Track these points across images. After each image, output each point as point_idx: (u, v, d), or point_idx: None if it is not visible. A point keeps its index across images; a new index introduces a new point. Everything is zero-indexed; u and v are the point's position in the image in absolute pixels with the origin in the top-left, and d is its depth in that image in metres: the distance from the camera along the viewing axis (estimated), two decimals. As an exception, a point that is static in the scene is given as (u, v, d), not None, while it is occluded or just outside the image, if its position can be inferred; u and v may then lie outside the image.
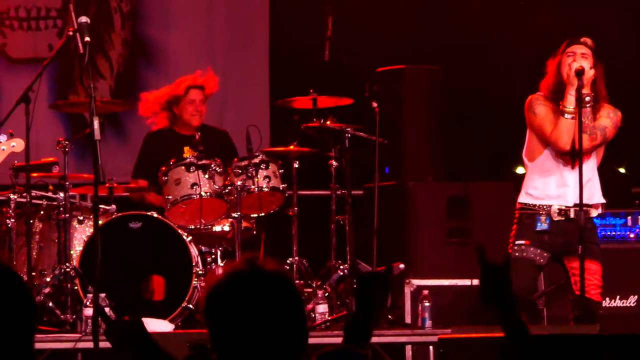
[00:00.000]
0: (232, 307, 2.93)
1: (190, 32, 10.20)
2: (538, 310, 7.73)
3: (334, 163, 8.11)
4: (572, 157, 6.79)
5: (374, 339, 7.02)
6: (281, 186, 7.91)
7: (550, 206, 6.84)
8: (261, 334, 2.90)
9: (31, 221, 7.54)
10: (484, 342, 5.61)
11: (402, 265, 8.15)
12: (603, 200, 7.00)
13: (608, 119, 6.77)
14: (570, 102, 6.55)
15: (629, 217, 8.00)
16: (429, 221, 8.09)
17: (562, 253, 6.83)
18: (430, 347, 7.43)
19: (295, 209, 8.08)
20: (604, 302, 7.59)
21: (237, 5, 10.26)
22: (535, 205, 6.88)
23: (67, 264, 7.42)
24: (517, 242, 6.91)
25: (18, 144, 7.20)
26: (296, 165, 8.06)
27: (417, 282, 8.25)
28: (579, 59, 6.60)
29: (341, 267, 7.94)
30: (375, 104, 7.91)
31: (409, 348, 7.64)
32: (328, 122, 8.07)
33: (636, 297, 7.92)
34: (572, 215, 6.80)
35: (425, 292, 7.94)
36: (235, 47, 10.13)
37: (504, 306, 3.60)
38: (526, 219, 6.94)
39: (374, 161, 7.90)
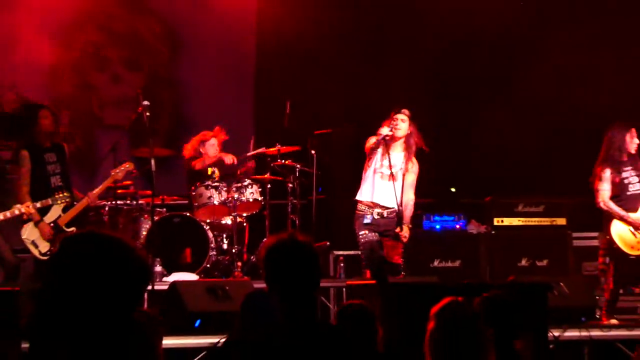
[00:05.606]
0: (279, 259, 3.36)
1: (210, 109, 11.59)
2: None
3: (290, 185, 9.74)
4: (389, 175, 8.07)
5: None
6: (260, 198, 9.51)
7: (373, 207, 8.00)
8: (298, 274, 3.35)
9: (118, 217, 9.33)
10: (370, 286, 6.63)
11: (328, 243, 10.03)
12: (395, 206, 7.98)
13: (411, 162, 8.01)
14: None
15: (456, 216, 9.86)
16: (344, 218, 8.92)
17: (380, 236, 7.93)
18: (344, 289, 8.66)
19: (267, 212, 9.78)
20: (439, 263, 9.27)
21: (237, 97, 11.85)
22: (365, 205, 8.13)
23: (137, 243, 8.90)
24: (360, 233, 8.11)
25: (130, 166, 8.45)
26: (269, 186, 9.74)
27: (337, 252, 10.09)
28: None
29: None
30: (313, 152, 9.43)
31: (332, 290, 9.12)
32: (287, 162, 9.75)
33: (459, 261, 9.52)
34: (385, 215, 8.09)
35: (342, 258, 9.83)
36: (234, 118, 11.35)
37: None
38: (360, 217, 8.07)
39: (312, 184, 9.32)
